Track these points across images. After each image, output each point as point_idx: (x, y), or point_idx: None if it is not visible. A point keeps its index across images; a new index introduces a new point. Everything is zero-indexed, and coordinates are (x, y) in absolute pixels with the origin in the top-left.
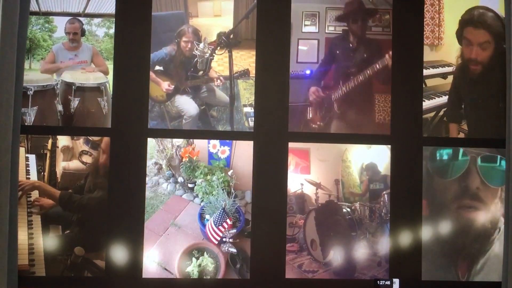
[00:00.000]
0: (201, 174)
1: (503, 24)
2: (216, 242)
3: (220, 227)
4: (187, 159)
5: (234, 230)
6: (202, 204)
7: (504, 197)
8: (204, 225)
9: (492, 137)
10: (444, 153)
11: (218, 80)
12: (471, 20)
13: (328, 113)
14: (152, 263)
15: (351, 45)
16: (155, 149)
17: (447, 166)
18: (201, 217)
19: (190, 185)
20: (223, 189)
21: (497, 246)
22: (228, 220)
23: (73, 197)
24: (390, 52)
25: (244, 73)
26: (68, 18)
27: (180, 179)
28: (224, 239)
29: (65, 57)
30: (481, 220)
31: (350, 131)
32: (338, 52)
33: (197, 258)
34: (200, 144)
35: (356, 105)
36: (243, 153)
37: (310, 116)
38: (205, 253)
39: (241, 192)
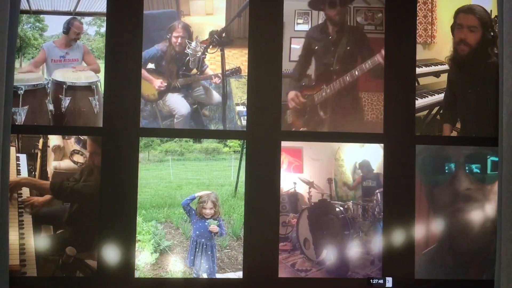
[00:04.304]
0: None
1: (490, 17)
2: None
3: None
4: None
5: None
6: None
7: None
8: None
9: (485, 135)
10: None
11: (216, 78)
12: (462, 9)
13: (313, 118)
14: None
15: (330, 37)
16: None
17: None
18: None
19: None
20: None
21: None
22: None
23: (64, 184)
24: (382, 51)
25: (236, 71)
26: (70, 16)
27: None
28: None
29: (56, 55)
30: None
31: (342, 130)
32: (316, 48)
33: None
34: None
35: (345, 106)
36: None
37: (291, 120)
38: None
39: None
